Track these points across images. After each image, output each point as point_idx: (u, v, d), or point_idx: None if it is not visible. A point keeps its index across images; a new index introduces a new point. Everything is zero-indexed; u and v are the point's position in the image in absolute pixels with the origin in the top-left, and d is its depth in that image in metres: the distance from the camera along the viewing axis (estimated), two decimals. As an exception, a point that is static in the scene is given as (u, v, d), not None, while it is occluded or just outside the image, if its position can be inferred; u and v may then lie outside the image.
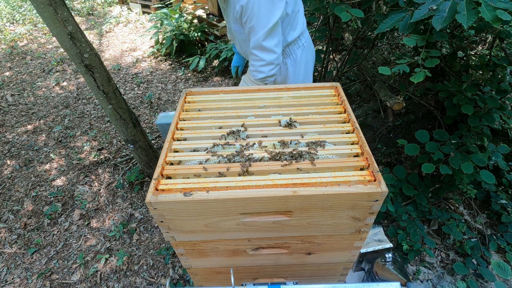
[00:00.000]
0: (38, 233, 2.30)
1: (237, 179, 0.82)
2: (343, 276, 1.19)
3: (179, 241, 0.94)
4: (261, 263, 1.08)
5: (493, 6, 1.11)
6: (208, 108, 1.12)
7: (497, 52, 2.10)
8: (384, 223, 2.20)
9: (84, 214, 2.42)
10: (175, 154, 0.93)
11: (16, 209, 2.46)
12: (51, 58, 4.49)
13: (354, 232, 0.93)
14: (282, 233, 0.93)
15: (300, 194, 0.78)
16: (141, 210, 2.45)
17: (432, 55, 1.41)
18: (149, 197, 0.78)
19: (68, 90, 3.86)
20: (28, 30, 5.21)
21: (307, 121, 1.03)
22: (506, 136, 2.26)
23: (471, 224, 2.20)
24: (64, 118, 3.40)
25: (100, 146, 3.03)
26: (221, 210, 0.82)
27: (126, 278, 2.03)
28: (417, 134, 1.89)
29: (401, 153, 2.57)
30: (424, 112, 2.48)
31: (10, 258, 2.15)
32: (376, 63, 3.56)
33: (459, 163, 1.74)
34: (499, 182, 2.20)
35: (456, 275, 1.96)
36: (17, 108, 3.54)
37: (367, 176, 0.81)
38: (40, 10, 1.54)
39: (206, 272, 1.12)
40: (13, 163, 2.85)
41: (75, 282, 2.02)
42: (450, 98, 1.94)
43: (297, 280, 1.18)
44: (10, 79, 4.02)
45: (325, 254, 1.04)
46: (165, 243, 2.21)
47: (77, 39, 1.67)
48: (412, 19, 1.28)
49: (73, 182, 2.67)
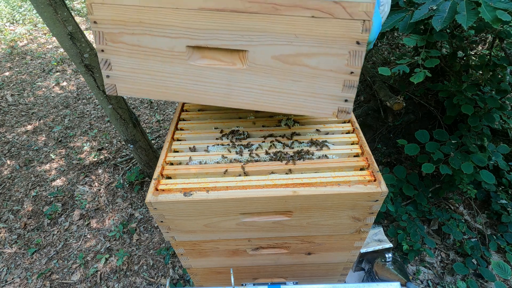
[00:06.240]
0: (38, 233, 2.30)
1: (237, 179, 0.82)
2: (343, 276, 1.19)
3: (179, 241, 0.94)
4: (261, 263, 1.08)
5: (493, 7, 1.11)
6: (208, 108, 1.12)
7: (497, 52, 2.10)
8: (384, 223, 2.20)
9: (84, 214, 2.42)
10: (175, 154, 0.93)
11: (16, 209, 2.46)
12: (51, 58, 4.48)
13: (354, 232, 0.93)
14: (282, 233, 0.93)
15: (300, 194, 0.78)
16: (141, 210, 2.45)
17: (432, 55, 1.41)
18: (149, 197, 0.78)
19: (68, 90, 3.86)
20: (28, 30, 5.21)
21: (308, 121, 1.03)
22: (506, 136, 2.26)
23: (471, 224, 2.20)
24: (64, 118, 3.40)
25: (100, 146, 3.03)
26: (221, 210, 0.82)
27: (126, 278, 2.03)
28: (417, 134, 1.89)
29: (401, 153, 2.57)
30: (424, 112, 2.48)
31: (10, 258, 2.15)
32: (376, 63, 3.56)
33: (459, 163, 1.74)
34: (499, 182, 2.20)
35: (456, 275, 1.96)
36: (17, 108, 3.54)
37: (367, 176, 0.81)
38: (40, 10, 1.54)
39: (206, 272, 1.12)
40: (13, 163, 2.85)
41: (75, 282, 2.02)
42: (450, 98, 1.94)
43: (297, 280, 1.18)
44: (10, 79, 4.01)
45: (325, 254, 1.04)
46: (165, 243, 2.21)
47: (77, 39, 1.67)
48: (412, 19, 1.28)
49: (73, 182, 2.67)
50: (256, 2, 0.64)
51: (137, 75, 0.79)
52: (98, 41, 0.75)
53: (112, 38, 0.74)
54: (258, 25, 0.67)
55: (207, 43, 0.71)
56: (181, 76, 0.77)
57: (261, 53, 0.70)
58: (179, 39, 0.72)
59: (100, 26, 0.73)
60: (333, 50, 0.67)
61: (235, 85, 0.76)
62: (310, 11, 0.63)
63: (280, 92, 0.75)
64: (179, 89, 0.79)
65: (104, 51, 0.77)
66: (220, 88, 0.77)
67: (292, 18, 0.64)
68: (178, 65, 0.75)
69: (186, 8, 0.67)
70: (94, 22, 0.73)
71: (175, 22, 0.70)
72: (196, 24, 0.69)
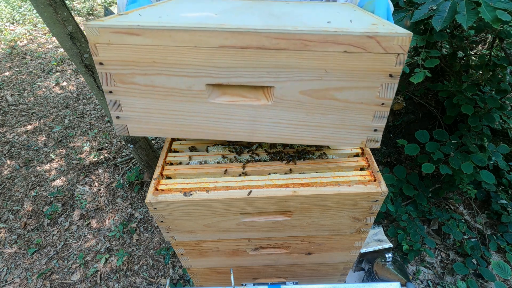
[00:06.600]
0: (38, 233, 2.30)
1: (237, 179, 0.82)
2: (343, 276, 1.19)
3: (179, 241, 0.94)
4: (261, 263, 1.08)
5: (493, 6, 1.11)
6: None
7: (497, 52, 2.10)
8: (384, 223, 2.20)
9: (84, 214, 2.42)
10: (175, 154, 0.93)
11: (16, 209, 2.46)
12: (51, 58, 4.48)
13: (354, 232, 0.93)
14: (282, 233, 0.93)
15: (300, 194, 0.78)
16: (141, 210, 2.45)
17: (432, 55, 1.41)
18: (149, 197, 0.78)
19: (68, 90, 3.86)
20: (28, 30, 5.21)
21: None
22: (506, 136, 2.26)
23: (471, 224, 2.20)
24: (64, 118, 3.40)
25: (100, 146, 3.03)
26: (221, 210, 0.82)
27: (126, 278, 2.03)
28: (417, 134, 1.89)
29: (401, 153, 2.57)
30: (424, 112, 2.48)
31: (10, 258, 2.15)
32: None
33: (459, 163, 1.73)
34: (499, 182, 2.20)
35: (456, 275, 1.96)
36: (17, 108, 3.54)
37: (367, 176, 0.82)
38: (40, 10, 1.54)
39: (206, 272, 1.12)
40: (13, 163, 2.85)
41: (75, 282, 2.02)
42: (450, 98, 1.93)
43: (297, 280, 1.18)
44: (10, 79, 4.01)
45: (325, 254, 1.04)
46: (165, 243, 2.21)
47: (77, 39, 1.67)
48: (412, 19, 1.28)
49: (73, 182, 2.67)
50: (284, 38, 0.59)
51: (151, 115, 0.71)
52: (106, 82, 0.67)
53: (122, 79, 0.66)
54: (286, 61, 0.62)
55: (229, 81, 0.65)
56: (201, 114, 0.71)
57: (288, 89, 0.65)
58: (198, 78, 0.65)
59: (108, 68, 0.65)
60: (364, 84, 0.63)
61: (259, 121, 0.71)
62: (342, 46, 0.59)
63: (307, 125, 0.70)
64: (199, 127, 0.73)
65: (113, 92, 0.68)
66: (243, 124, 0.72)
67: (323, 54, 0.60)
68: (197, 104, 0.69)
69: (206, 47, 0.61)
70: (100, 64, 0.64)
71: (193, 61, 0.63)
72: (217, 62, 0.63)
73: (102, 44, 0.61)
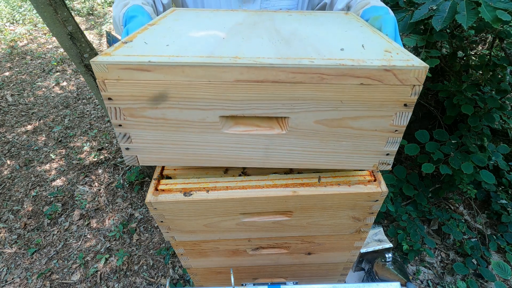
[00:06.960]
0: (38, 233, 2.30)
1: (237, 179, 0.82)
2: (343, 276, 1.19)
3: (179, 241, 0.94)
4: (261, 263, 1.08)
5: (493, 6, 1.11)
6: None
7: (497, 52, 2.10)
8: (384, 223, 2.20)
9: (84, 214, 2.42)
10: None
11: (16, 209, 2.46)
12: (51, 58, 4.49)
13: (354, 232, 0.93)
14: (282, 233, 0.93)
15: (300, 194, 0.78)
16: (141, 210, 2.45)
17: (432, 55, 1.42)
18: (149, 197, 0.78)
19: (68, 90, 3.86)
20: (28, 30, 5.21)
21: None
22: (506, 136, 2.26)
23: (471, 224, 2.21)
24: (64, 118, 3.40)
25: (100, 146, 3.03)
26: (221, 210, 0.82)
27: (126, 278, 2.03)
28: (417, 134, 1.89)
29: (401, 153, 2.57)
30: (424, 112, 2.48)
31: (10, 258, 2.15)
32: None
33: (459, 163, 1.74)
34: (499, 182, 2.20)
35: (456, 275, 1.96)
36: (17, 108, 3.54)
37: (367, 176, 0.82)
38: (40, 10, 1.54)
39: (206, 272, 1.12)
40: (13, 163, 2.85)
41: (75, 282, 2.02)
42: (450, 98, 1.94)
43: (297, 280, 1.18)
44: (10, 79, 4.02)
45: (325, 254, 1.04)
46: (165, 243, 2.21)
47: (77, 39, 1.67)
48: (412, 19, 1.28)
49: (73, 182, 2.67)
50: (301, 72, 0.58)
51: (162, 145, 0.71)
52: (115, 116, 0.65)
53: (132, 113, 0.64)
54: (302, 93, 0.61)
55: (244, 113, 0.65)
56: (214, 144, 0.70)
57: (303, 119, 0.65)
58: (212, 111, 0.64)
59: (117, 103, 0.63)
60: (379, 113, 0.64)
61: (273, 148, 0.71)
62: (359, 79, 0.59)
63: (321, 152, 0.71)
64: (212, 155, 0.72)
65: (123, 125, 0.67)
66: (257, 152, 0.72)
67: (339, 86, 0.60)
68: (210, 134, 0.68)
69: (220, 82, 0.59)
70: (109, 99, 0.62)
71: (207, 95, 0.62)
72: (231, 95, 0.62)
73: (111, 80, 0.59)
